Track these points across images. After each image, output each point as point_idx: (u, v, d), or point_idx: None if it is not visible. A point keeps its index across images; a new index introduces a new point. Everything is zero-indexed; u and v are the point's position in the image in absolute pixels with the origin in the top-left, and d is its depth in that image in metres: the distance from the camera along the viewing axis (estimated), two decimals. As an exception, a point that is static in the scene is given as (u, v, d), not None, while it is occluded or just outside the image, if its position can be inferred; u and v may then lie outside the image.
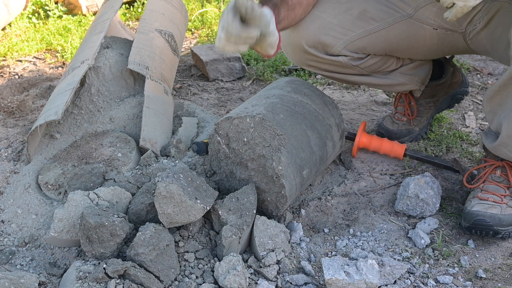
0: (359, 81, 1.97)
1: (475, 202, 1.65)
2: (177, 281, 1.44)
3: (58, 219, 1.50)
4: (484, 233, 1.62)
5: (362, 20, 1.79)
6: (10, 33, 3.17)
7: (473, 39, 1.76)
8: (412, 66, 1.95)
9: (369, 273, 1.41)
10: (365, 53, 1.84)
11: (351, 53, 1.82)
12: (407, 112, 2.12)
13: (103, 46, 2.09)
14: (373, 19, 1.79)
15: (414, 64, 1.95)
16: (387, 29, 1.80)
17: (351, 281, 1.40)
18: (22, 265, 1.56)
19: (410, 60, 1.95)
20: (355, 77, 1.92)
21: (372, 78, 1.93)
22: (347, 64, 1.83)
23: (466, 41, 1.78)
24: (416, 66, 1.96)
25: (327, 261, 1.44)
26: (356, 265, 1.43)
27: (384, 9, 1.79)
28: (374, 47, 1.83)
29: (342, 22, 1.79)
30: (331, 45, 1.79)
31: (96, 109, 1.99)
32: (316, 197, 1.84)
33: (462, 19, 1.74)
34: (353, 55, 1.82)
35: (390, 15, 1.79)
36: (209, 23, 3.38)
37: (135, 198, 1.59)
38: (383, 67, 1.90)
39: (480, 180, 1.71)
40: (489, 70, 2.82)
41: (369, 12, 1.79)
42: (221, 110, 2.36)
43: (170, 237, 1.45)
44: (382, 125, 2.15)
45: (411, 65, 1.95)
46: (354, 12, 1.80)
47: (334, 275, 1.40)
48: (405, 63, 1.94)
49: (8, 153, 1.94)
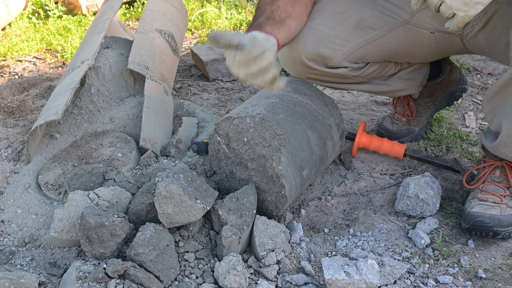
0: (359, 89, 1.98)
1: (475, 203, 1.65)
2: (177, 281, 1.44)
3: (58, 219, 1.50)
4: (484, 235, 1.62)
5: (360, 30, 1.79)
6: (10, 33, 3.17)
7: (470, 41, 1.76)
8: (410, 70, 1.96)
9: (369, 273, 1.41)
10: (364, 62, 1.84)
11: (350, 64, 1.82)
12: (406, 112, 2.12)
13: (103, 46, 2.09)
14: (371, 27, 1.79)
15: (412, 68, 1.96)
16: (385, 36, 1.79)
17: (351, 281, 1.40)
18: (22, 265, 1.56)
19: (409, 64, 1.95)
20: (355, 86, 1.93)
21: (371, 85, 1.93)
22: (347, 75, 1.84)
23: (463, 43, 1.78)
24: (414, 69, 1.96)
25: (327, 261, 1.44)
26: (356, 265, 1.43)
27: (380, 16, 1.79)
28: (373, 56, 1.83)
29: (340, 34, 1.78)
30: (331, 57, 1.79)
31: (96, 109, 1.99)
32: (316, 197, 1.84)
33: None
34: (353, 66, 1.82)
35: (386, 22, 1.79)
36: (209, 23, 3.38)
37: (135, 198, 1.59)
38: (382, 73, 1.90)
39: (480, 181, 1.71)
40: (489, 70, 2.82)
41: (366, 20, 1.79)
42: (221, 110, 2.36)
43: (170, 237, 1.45)
44: (382, 125, 2.15)
45: (409, 69, 1.95)
46: (351, 22, 1.79)
47: (334, 275, 1.40)
48: (404, 67, 1.95)
49: (8, 153, 1.94)
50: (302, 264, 1.52)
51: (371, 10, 1.79)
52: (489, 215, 1.60)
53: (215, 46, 2.81)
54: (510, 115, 1.57)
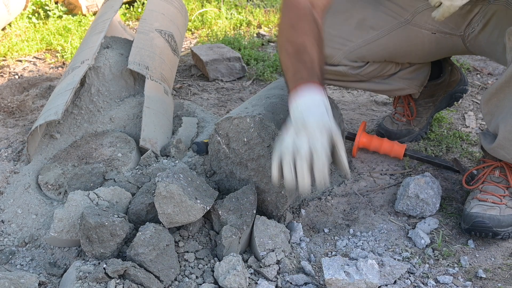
0: (359, 87, 1.98)
1: (474, 204, 1.65)
2: (177, 281, 1.44)
3: (58, 219, 1.50)
4: (483, 235, 1.62)
5: (361, 30, 1.79)
6: (10, 33, 3.17)
7: (471, 42, 1.76)
8: (411, 69, 1.95)
9: (369, 273, 1.41)
10: (364, 61, 1.84)
11: (350, 63, 1.82)
12: (407, 112, 2.12)
13: (103, 46, 2.09)
14: (372, 27, 1.79)
15: (413, 68, 1.95)
16: (386, 37, 1.80)
17: (351, 281, 1.40)
18: (22, 265, 1.56)
19: (409, 64, 1.95)
20: (354, 84, 1.93)
21: (371, 84, 1.93)
22: (346, 73, 1.83)
23: (465, 44, 1.79)
24: (415, 69, 1.96)
25: (327, 261, 1.44)
26: (356, 265, 1.43)
27: (382, 16, 1.79)
28: (373, 55, 1.83)
29: (341, 33, 1.78)
30: (331, 55, 1.79)
31: (96, 109, 1.99)
32: (316, 197, 1.84)
33: (460, 22, 1.74)
34: (352, 64, 1.82)
35: (388, 22, 1.79)
36: (209, 23, 3.38)
37: (135, 198, 1.59)
38: (382, 72, 1.90)
39: (479, 181, 1.71)
40: (489, 70, 2.82)
41: (367, 20, 1.79)
42: (221, 110, 2.36)
43: (170, 237, 1.45)
44: (382, 125, 2.15)
45: (410, 68, 1.95)
46: (352, 21, 1.79)
47: (334, 275, 1.40)
48: (404, 67, 1.94)
49: (8, 153, 1.94)
50: (302, 264, 1.52)
51: (373, 10, 1.79)
52: (488, 216, 1.60)
53: (215, 46, 2.81)
54: (507, 118, 1.57)
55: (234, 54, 2.71)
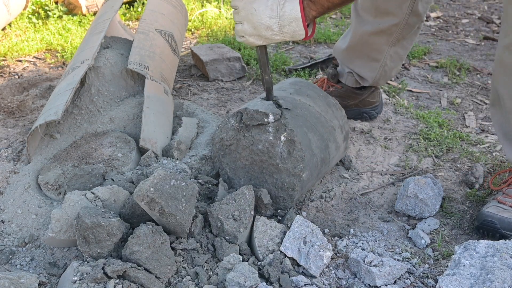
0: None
1: (492, 204, 1.66)
2: (176, 281, 1.44)
3: (56, 219, 1.50)
4: (491, 235, 1.61)
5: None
6: (10, 33, 3.17)
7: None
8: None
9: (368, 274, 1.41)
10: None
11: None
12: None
13: (103, 46, 2.09)
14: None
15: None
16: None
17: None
18: (22, 265, 1.56)
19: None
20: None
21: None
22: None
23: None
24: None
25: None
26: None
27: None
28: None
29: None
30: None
31: (96, 109, 1.99)
32: (316, 197, 1.84)
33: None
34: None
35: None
36: (209, 23, 3.38)
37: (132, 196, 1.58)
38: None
39: (505, 184, 1.72)
40: (489, 70, 2.82)
41: None
42: (221, 110, 2.36)
43: (165, 235, 1.45)
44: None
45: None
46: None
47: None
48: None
49: (8, 153, 1.94)
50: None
51: None
52: (499, 217, 1.60)
53: (215, 46, 2.81)
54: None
55: (234, 54, 2.71)
